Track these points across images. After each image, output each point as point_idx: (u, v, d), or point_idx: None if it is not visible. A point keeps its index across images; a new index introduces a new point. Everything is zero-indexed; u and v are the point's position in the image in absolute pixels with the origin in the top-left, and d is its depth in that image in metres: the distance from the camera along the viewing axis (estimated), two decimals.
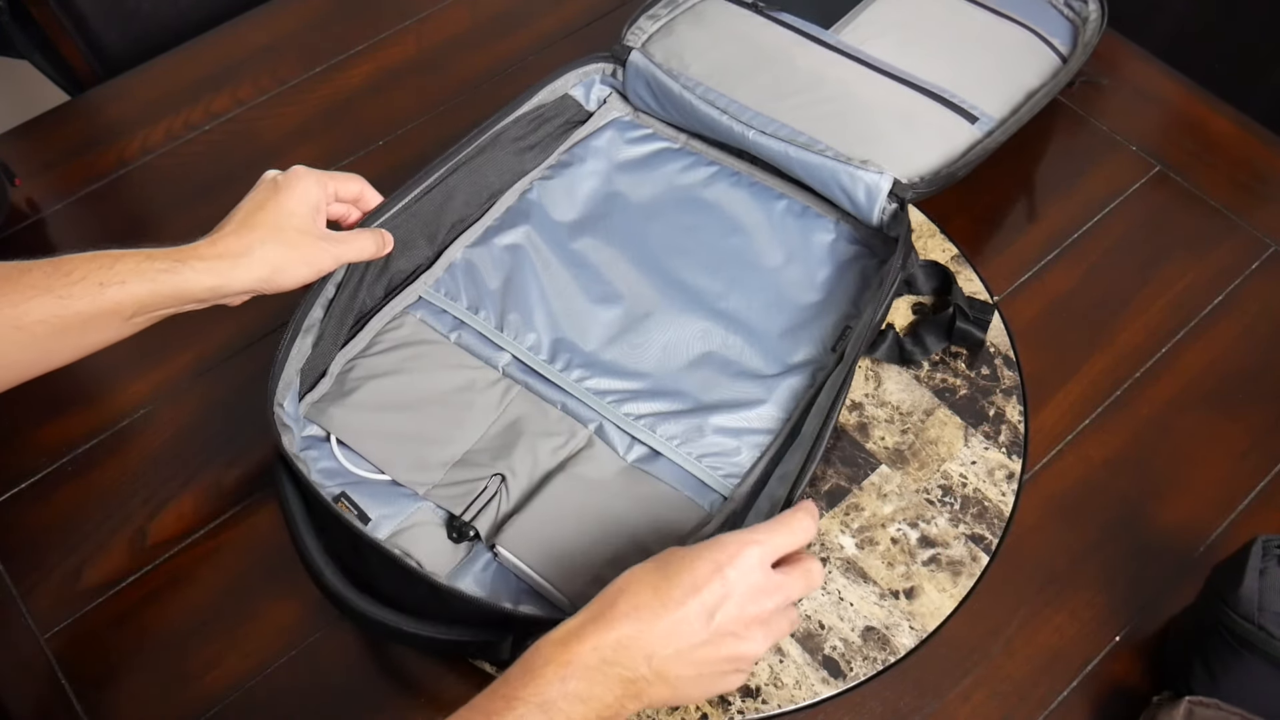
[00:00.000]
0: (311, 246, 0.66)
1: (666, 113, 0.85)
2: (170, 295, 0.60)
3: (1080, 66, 0.84)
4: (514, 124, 0.81)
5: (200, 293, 0.61)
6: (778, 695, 0.64)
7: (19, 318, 0.56)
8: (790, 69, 0.83)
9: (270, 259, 0.63)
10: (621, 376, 0.72)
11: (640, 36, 0.87)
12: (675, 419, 0.70)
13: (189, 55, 0.98)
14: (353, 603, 0.59)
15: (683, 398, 0.71)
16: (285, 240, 0.64)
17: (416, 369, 0.73)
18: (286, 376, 0.68)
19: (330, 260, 0.67)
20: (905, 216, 0.74)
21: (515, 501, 0.67)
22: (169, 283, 0.60)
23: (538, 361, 0.73)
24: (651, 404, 0.71)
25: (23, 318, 0.56)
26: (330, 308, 0.71)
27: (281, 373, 0.68)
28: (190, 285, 0.61)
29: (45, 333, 0.57)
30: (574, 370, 0.72)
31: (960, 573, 0.68)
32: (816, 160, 0.77)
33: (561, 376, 0.72)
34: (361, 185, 0.73)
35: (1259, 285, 0.81)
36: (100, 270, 0.58)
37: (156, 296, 0.60)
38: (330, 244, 0.67)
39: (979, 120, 0.81)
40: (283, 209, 0.65)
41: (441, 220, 0.78)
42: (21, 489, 0.73)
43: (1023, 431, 0.73)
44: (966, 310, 0.75)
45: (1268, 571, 0.57)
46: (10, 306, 0.56)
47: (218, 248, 0.62)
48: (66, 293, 0.57)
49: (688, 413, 0.71)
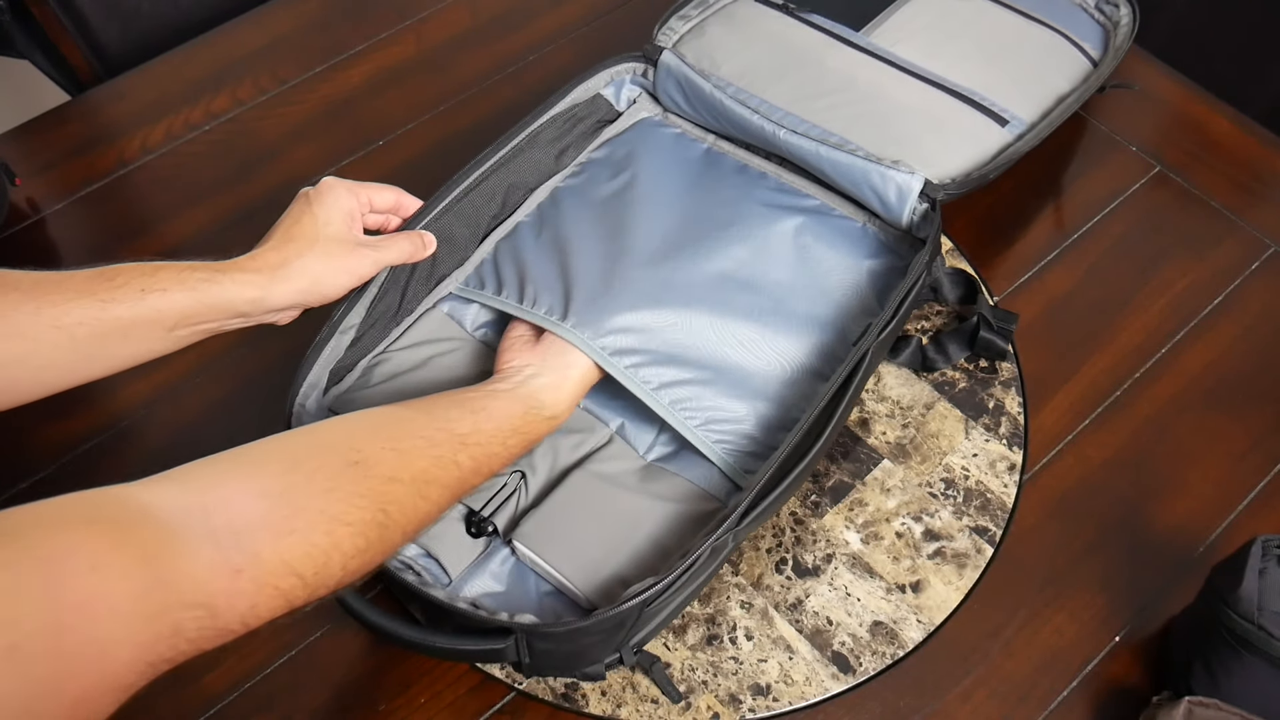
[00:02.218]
0: (349, 254, 0.66)
1: (697, 113, 0.85)
2: (212, 306, 0.60)
3: (1111, 71, 0.84)
4: (549, 124, 0.81)
5: (242, 305, 0.61)
6: (788, 692, 0.64)
7: (59, 317, 0.56)
8: (821, 70, 0.84)
9: (310, 270, 0.63)
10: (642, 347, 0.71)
11: (671, 37, 0.88)
12: (694, 397, 0.70)
13: (189, 55, 0.98)
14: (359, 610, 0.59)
15: (703, 378, 0.71)
16: (323, 250, 0.64)
17: (440, 365, 0.73)
18: (314, 377, 0.68)
19: (370, 265, 0.67)
20: (935, 217, 0.74)
21: (534, 498, 0.67)
22: (210, 293, 0.60)
23: (552, 323, 0.70)
24: (668, 372, 0.70)
25: (63, 317, 0.56)
26: (371, 310, 0.71)
27: (309, 373, 0.68)
28: (231, 297, 0.60)
29: (86, 335, 0.57)
30: (590, 331, 0.70)
31: (965, 565, 0.68)
32: (847, 160, 0.77)
33: (580, 338, 0.69)
34: (398, 194, 0.72)
35: (1259, 285, 0.81)
36: (142, 277, 0.58)
37: (198, 306, 0.60)
38: (369, 249, 0.67)
39: (1009, 124, 0.81)
40: (318, 220, 0.65)
41: (481, 219, 0.79)
42: (21, 489, 0.73)
43: (1023, 423, 0.74)
44: (991, 320, 0.75)
45: (1267, 571, 0.57)
46: (51, 306, 0.56)
47: (257, 262, 0.62)
48: (109, 296, 0.57)
49: (708, 391, 0.70)
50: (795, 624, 0.66)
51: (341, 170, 0.89)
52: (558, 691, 0.64)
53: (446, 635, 0.59)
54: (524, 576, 0.65)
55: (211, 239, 0.85)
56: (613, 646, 0.60)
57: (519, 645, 0.58)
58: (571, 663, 0.61)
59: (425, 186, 0.76)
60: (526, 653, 0.59)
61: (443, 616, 0.63)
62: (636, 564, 0.64)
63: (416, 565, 0.65)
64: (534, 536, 0.65)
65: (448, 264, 0.77)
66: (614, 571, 0.64)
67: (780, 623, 0.66)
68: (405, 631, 0.59)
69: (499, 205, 0.80)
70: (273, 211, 0.67)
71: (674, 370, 0.71)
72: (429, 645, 0.59)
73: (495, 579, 0.65)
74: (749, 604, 0.67)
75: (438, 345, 0.74)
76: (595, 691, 0.64)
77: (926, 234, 0.75)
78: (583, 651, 0.60)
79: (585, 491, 0.67)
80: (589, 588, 0.63)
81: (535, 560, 0.64)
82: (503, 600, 0.64)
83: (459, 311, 0.76)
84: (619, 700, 0.64)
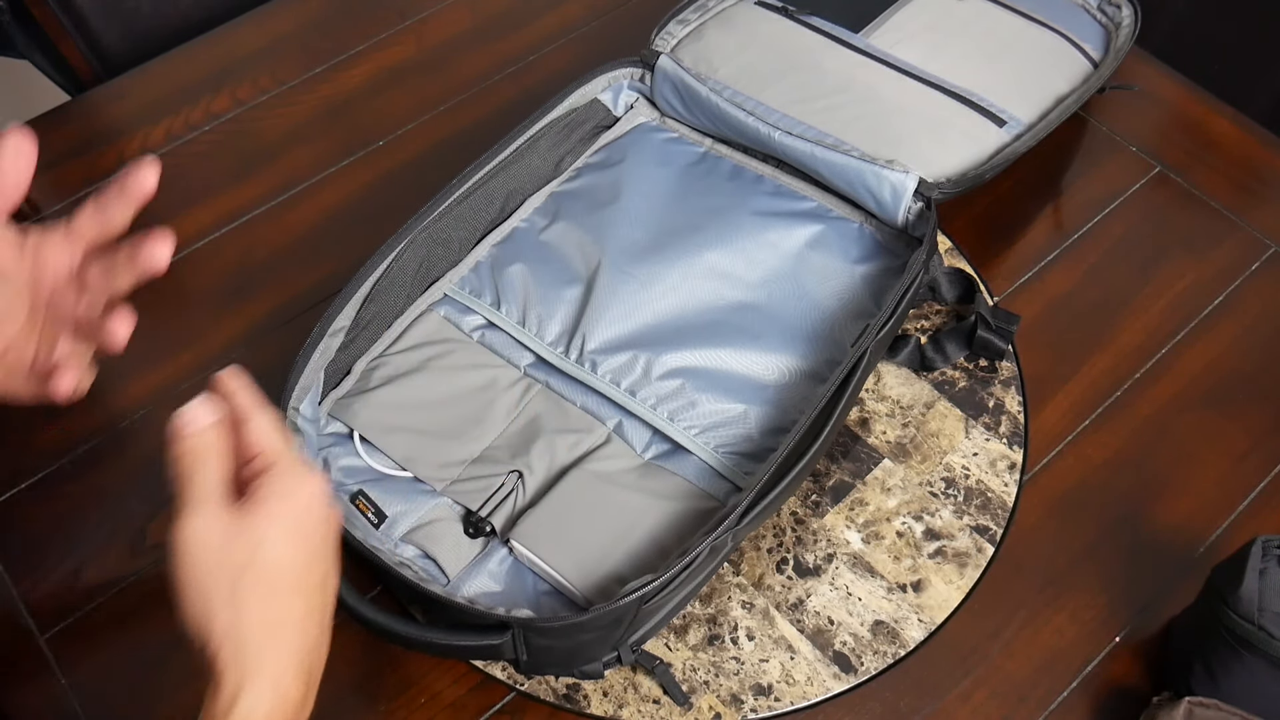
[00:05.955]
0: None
1: (694, 117, 0.85)
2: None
3: (1112, 72, 0.84)
4: (547, 129, 0.81)
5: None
6: (790, 692, 0.64)
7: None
8: (818, 72, 0.84)
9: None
10: (642, 362, 0.72)
11: (669, 41, 0.88)
12: (692, 404, 0.70)
13: (189, 55, 0.98)
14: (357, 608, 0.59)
15: (702, 384, 0.71)
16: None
17: (439, 367, 0.73)
18: (305, 381, 0.68)
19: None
20: (931, 216, 0.74)
21: (531, 497, 0.67)
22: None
23: (557, 355, 0.73)
24: (665, 385, 0.71)
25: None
26: (362, 312, 0.71)
27: (299, 379, 0.68)
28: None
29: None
30: (593, 358, 0.72)
31: (966, 564, 0.68)
32: (842, 160, 0.77)
33: (580, 370, 0.72)
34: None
35: (1259, 286, 0.81)
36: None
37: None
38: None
39: (1007, 124, 0.81)
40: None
41: (478, 223, 0.79)
42: (21, 489, 0.73)
43: (1023, 422, 0.74)
44: (989, 320, 0.75)
45: (1268, 571, 0.57)
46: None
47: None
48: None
49: (705, 398, 0.71)
50: (796, 624, 0.66)
51: (341, 170, 0.89)
52: (559, 692, 0.64)
53: (444, 631, 0.59)
54: (522, 576, 0.65)
55: (211, 239, 0.85)
56: (611, 644, 0.61)
57: (516, 641, 0.58)
58: (569, 660, 0.61)
59: (425, 187, 0.76)
60: (524, 649, 0.59)
61: (441, 614, 0.64)
62: (634, 563, 0.64)
63: (414, 565, 0.65)
64: (531, 536, 0.65)
65: (442, 265, 0.77)
66: (612, 570, 0.64)
67: (781, 622, 0.66)
68: (403, 628, 0.59)
69: (496, 210, 0.80)
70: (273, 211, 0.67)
71: (671, 381, 0.71)
72: (426, 642, 0.59)
73: (493, 579, 0.65)
74: (750, 604, 0.67)
75: (436, 348, 0.74)
76: (597, 692, 0.64)
77: (923, 233, 0.75)
78: (580, 648, 0.60)
79: (583, 490, 0.67)
80: (587, 586, 0.63)
81: (533, 559, 0.64)
82: (501, 600, 0.65)
83: (456, 314, 0.76)
84: (621, 700, 0.64)
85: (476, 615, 0.59)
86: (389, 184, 0.88)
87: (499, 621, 0.58)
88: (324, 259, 0.84)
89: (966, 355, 0.76)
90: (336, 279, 0.73)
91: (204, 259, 0.84)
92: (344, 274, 0.71)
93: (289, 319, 0.80)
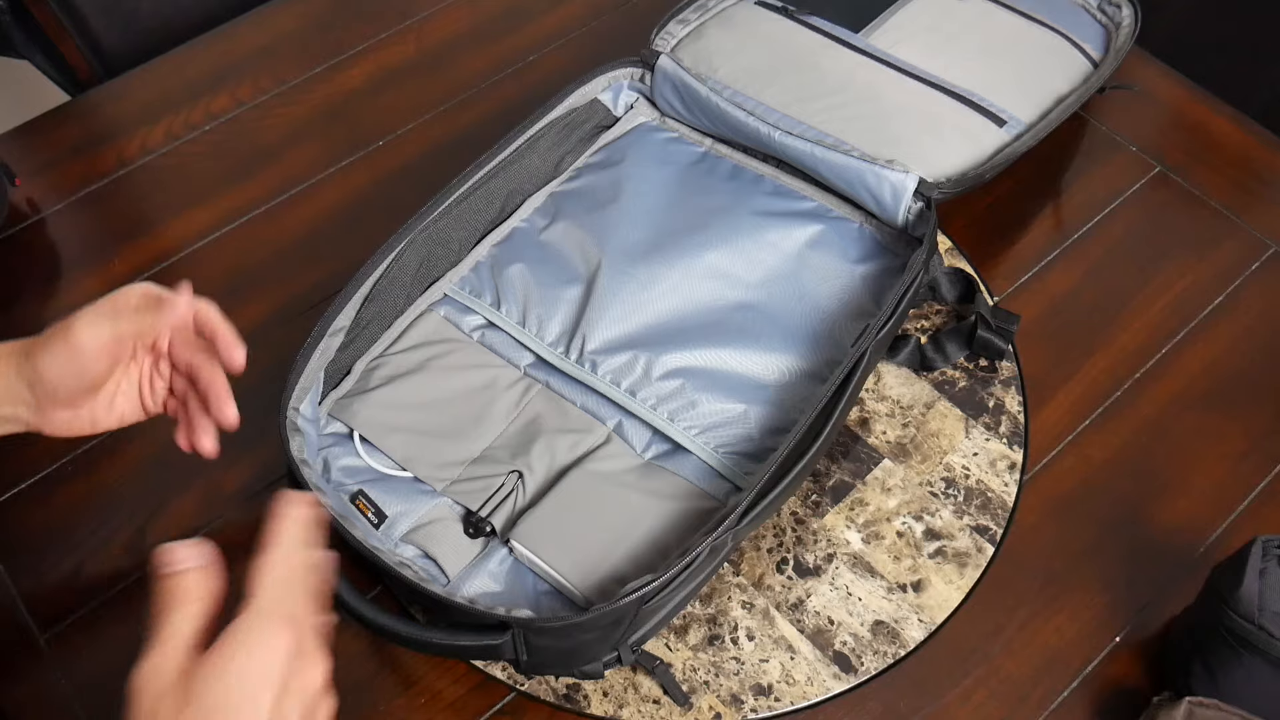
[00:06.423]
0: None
1: (694, 117, 0.85)
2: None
3: (1112, 72, 0.84)
4: (547, 130, 0.81)
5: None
6: (790, 692, 0.64)
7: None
8: (818, 72, 0.84)
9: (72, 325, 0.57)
10: (642, 362, 0.72)
11: (669, 41, 0.88)
12: (692, 404, 0.70)
13: (189, 55, 0.98)
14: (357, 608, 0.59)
15: (702, 384, 0.71)
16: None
17: (439, 367, 0.73)
18: (305, 381, 0.68)
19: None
20: (931, 215, 0.75)
21: (531, 497, 0.67)
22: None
23: (557, 356, 0.73)
24: (665, 385, 0.71)
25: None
26: (362, 312, 0.71)
27: (299, 379, 0.68)
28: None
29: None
30: (593, 358, 0.72)
31: (966, 564, 0.68)
32: (842, 160, 0.77)
33: (580, 370, 0.72)
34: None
35: (1259, 286, 0.81)
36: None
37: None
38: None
39: (1007, 124, 0.81)
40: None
41: (478, 223, 0.79)
42: (21, 489, 0.73)
43: (1023, 422, 0.74)
44: (989, 319, 0.75)
45: (1268, 571, 0.57)
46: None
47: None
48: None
49: (705, 398, 0.71)
50: (797, 624, 0.66)
51: (341, 170, 0.89)
52: (559, 692, 0.64)
53: (444, 631, 0.59)
54: (522, 576, 0.65)
55: (211, 239, 0.85)
56: (611, 644, 0.60)
57: (516, 641, 0.58)
58: (569, 660, 0.61)
59: (424, 187, 0.76)
60: (524, 649, 0.59)
61: (441, 614, 0.64)
62: (634, 563, 0.64)
63: (415, 565, 0.65)
64: (531, 536, 0.65)
65: (442, 266, 0.77)
66: (612, 570, 0.64)
67: (782, 623, 0.66)
68: (403, 628, 0.59)
69: (496, 210, 0.80)
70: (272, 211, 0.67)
71: (671, 381, 0.71)
72: (426, 642, 0.59)
73: (493, 579, 0.65)
74: (750, 604, 0.67)
75: (436, 348, 0.74)
76: (597, 692, 0.64)
77: (922, 233, 0.75)
78: (580, 648, 0.60)
79: (583, 490, 0.67)
80: (586, 586, 0.63)
81: (533, 560, 0.64)
82: (501, 600, 0.65)
83: (456, 314, 0.76)
84: (621, 701, 0.64)
85: (476, 615, 0.59)
86: (389, 184, 0.88)
87: (499, 621, 0.58)
88: (324, 259, 0.84)
89: (966, 355, 0.76)
90: (336, 279, 0.73)
91: (204, 259, 0.84)
92: (344, 274, 0.71)
93: (289, 319, 0.80)
